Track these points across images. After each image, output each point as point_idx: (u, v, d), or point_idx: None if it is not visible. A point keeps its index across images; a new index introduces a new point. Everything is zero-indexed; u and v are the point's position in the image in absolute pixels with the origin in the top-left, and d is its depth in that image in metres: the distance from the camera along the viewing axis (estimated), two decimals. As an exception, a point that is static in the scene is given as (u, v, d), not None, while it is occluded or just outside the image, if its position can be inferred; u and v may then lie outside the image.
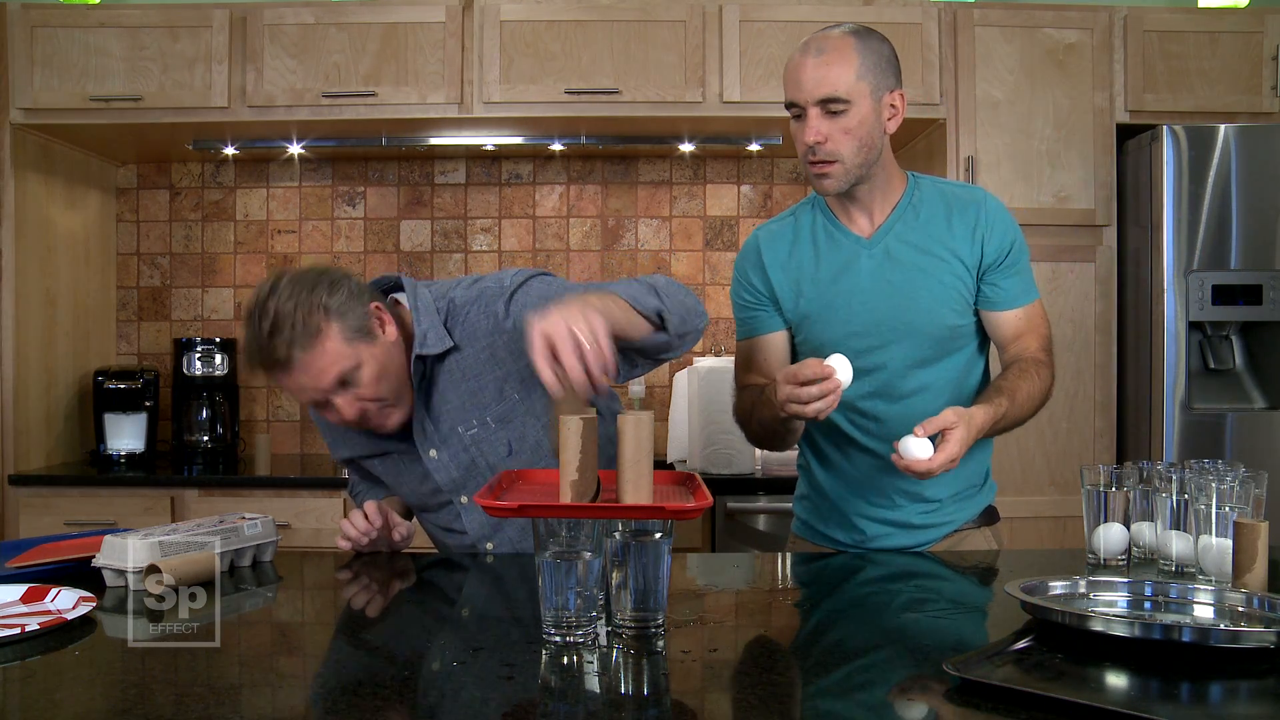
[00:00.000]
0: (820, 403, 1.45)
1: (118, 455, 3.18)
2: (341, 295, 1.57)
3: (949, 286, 1.67)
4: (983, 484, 1.78)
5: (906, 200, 1.71)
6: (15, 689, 1.04)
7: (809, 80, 1.59)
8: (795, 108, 1.63)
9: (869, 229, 1.71)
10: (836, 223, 1.72)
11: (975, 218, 1.68)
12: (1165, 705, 0.97)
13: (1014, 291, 1.69)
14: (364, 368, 1.56)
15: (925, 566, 1.62)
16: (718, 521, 2.82)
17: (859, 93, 1.59)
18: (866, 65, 1.60)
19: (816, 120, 1.60)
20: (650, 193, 3.51)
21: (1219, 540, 1.37)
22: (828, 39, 1.61)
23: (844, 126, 1.60)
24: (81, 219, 3.32)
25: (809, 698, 1.03)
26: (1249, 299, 2.74)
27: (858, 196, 1.69)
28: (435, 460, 1.69)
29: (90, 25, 2.94)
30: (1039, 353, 1.69)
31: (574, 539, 1.15)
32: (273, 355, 1.52)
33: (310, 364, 1.53)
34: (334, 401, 1.58)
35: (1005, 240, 1.68)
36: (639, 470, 1.21)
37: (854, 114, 1.60)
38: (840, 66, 1.59)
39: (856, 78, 1.59)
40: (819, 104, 1.59)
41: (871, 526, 1.73)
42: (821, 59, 1.59)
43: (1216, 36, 2.95)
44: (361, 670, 1.11)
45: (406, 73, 2.94)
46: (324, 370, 1.54)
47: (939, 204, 1.70)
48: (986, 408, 1.54)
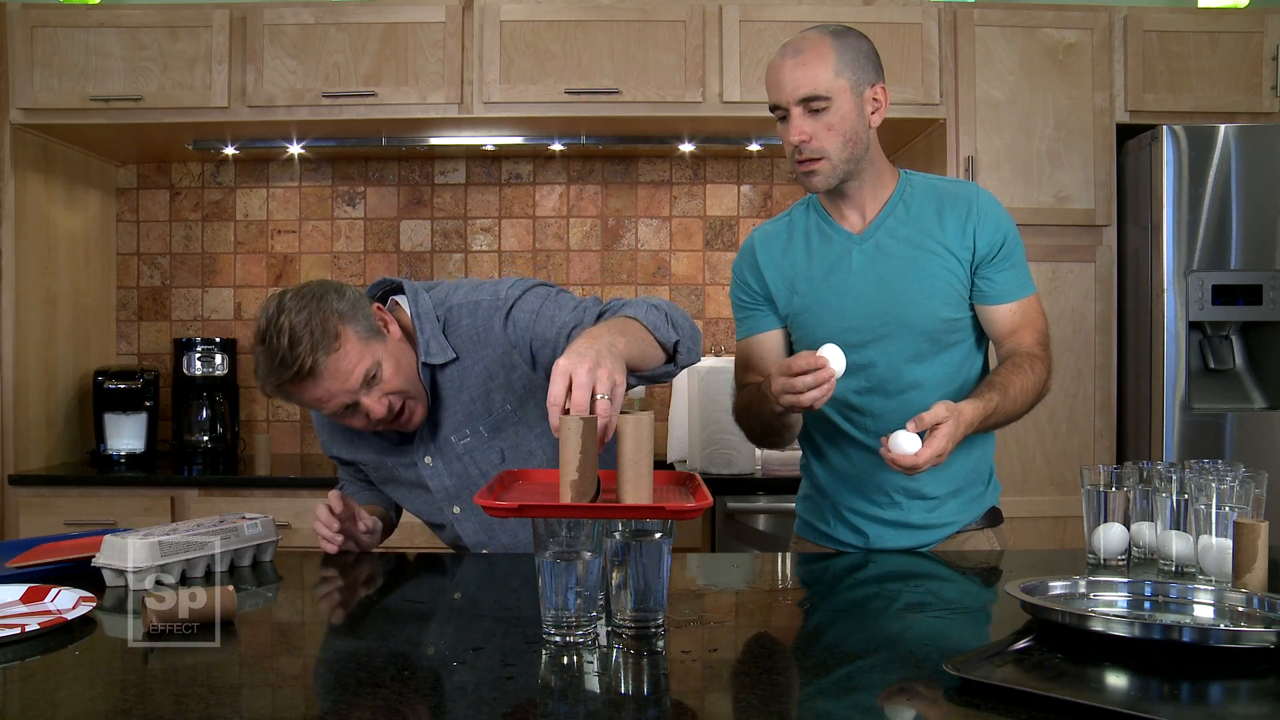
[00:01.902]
0: (814, 392, 1.46)
1: (118, 455, 3.18)
2: (349, 300, 1.59)
3: (941, 280, 1.68)
4: (987, 484, 1.78)
5: (898, 196, 1.72)
6: (15, 689, 1.04)
7: (788, 81, 1.62)
8: (779, 110, 1.66)
9: (860, 225, 1.72)
10: (829, 220, 1.74)
11: (966, 211, 1.69)
12: (1165, 705, 0.97)
13: (1008, 285, 1.69)
14: (384, 363, 1.59)
15: (925, 567, 1.62)
16: (718, 521, 2.82)
17: (838, 89, 1.62)
18: (844, 61, 1.62)
19: (799, 119, 1.62)
20: (650, 193, 3.51)
21: (1219, 540, 1.37)
22: (804, 40, 1.65)
23: (827, 123, 1.62)
24: (81, 219, 3.32)
25: (809, 697, 1.03)
26: (1249, 299, 2.74)
27: (848, 193, 1.71)
28: (430, 468, 1.71)
29: (90, 25, 2.94)
30: (1034, 347, 1.69)
31: (574, 539, 1.15)
32: (297, 366, 1.52)
33: (336, 367, 1.55)
34: (362, 402, 1.58)
35: (997, 234, 1.68)
36: (639, 470, 1.21)
37: (835, 110, 1.62)
38: (817, 65, 1.61)
39: (835, 74, 1.61)
40: (800, 103, 1.62)
41: (873, 527, 1.73)
42: (799, 59, 1.62)
43: (1216, 36, 2.95)
44: (361, 670, 1.11)
45: (406, 73, 2.94)
46: (350, 371, 1.56)
47: (930, 199, 1.71)
48: (976, 402, 1.55)
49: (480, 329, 1.67)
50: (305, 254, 3.53)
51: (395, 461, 1.74)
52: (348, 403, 1.58)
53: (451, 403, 1.68)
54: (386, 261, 3.51)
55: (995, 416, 1.59)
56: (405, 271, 3.52)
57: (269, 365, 1.55)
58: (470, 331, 1.68)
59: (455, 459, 1.70)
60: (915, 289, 1.67)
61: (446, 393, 1.68)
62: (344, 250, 3.52)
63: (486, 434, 1.69)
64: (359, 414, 1.60)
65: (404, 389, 1.62)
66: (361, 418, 1.61)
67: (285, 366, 1.53)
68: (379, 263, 3.51)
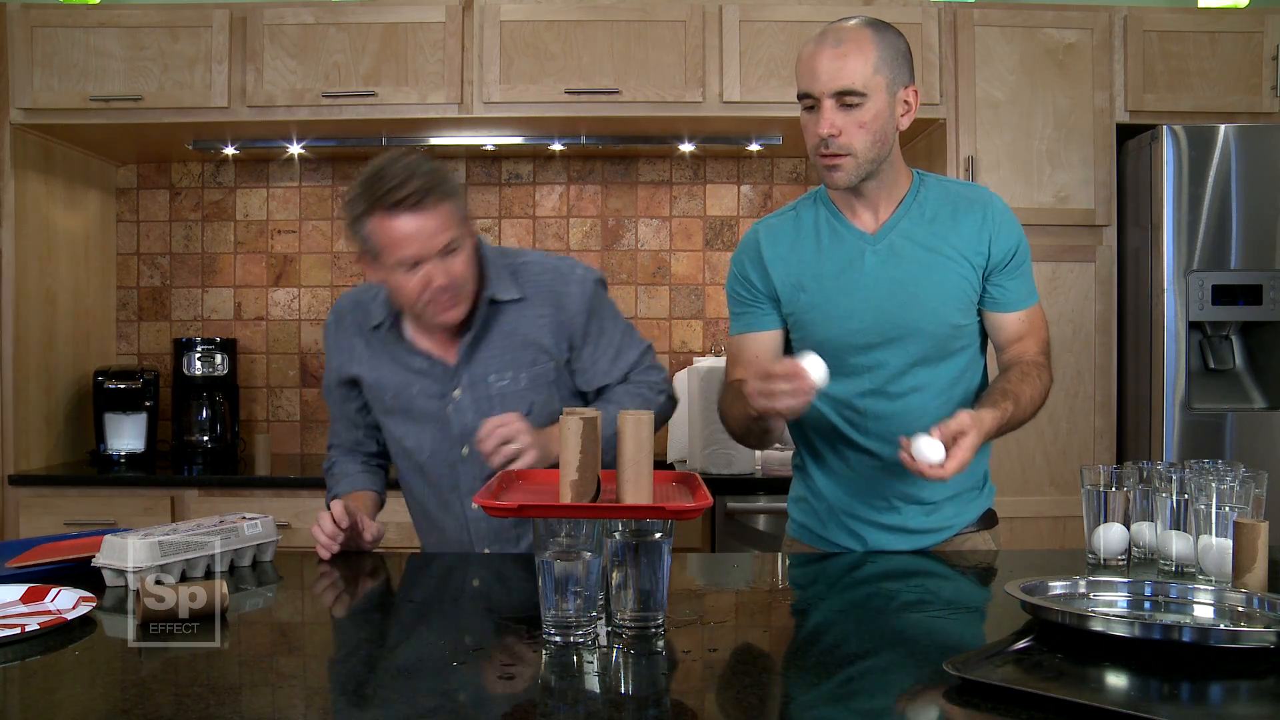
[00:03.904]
0: (791, 400, 1.43)
1: (118, 455, 3.18)
2: (460, 186, 1.71)
3: (954, 286, 1.65)
4: (982, 486, 1.78)
5: (912, 197, 1.68)
6: (15, 689, 1.04)
7: (825, 71, 1.56)
8: (809, 99, 1.59)
9: (874, 225, 1.68)
10: (841, 218, 1.69)
11: (982, 217, 1.66)
12: (1165, 705, 0.97)
13: (1019, 294, 1.68)
14: (465, 247, 1.66)
15: (925, 566, 1.62)
16: (718, 521, 2.82)
17: (875, 86, 1.56)
18: (884, 59, 1.57)
19: (831, 112, 1.56)
20: (650, 193, 3.51)
21: (1219, 540, 1.37)
22: (845, 29, 1.58)
23: (858, 120, 1.57)
24: (81, 219, 3.32)
25: (809, 698, 1.03)
26: (1249, 299, 2.74)
27: (864, 192, 1.66)
28: (457, 401, 1.73)
29: (90, 25, 2.94)
30: (1039, 355, 1.69)
31: (574, 539, 1.15)
32: (407, 192, 1.57)
33: (439, 212, 1.60)
34: (430, 266, 1.61)
35: (1011, 241, 1.67)
36: (639, 470, 1.21)
37: (869, 108, 1.57)
38: (858, 58, 1.55)
39: (874, 71, 1.56)
40: (834, 96, 1.56)
41: (871, 532, 1.72)
42: (839, 50, 1.55)
43: (1216, 36, 2.95)
44: (361, 670, 1.11)
45: (406, 73, 2.94)
46: (439, 230, 1.60)
47: (945, 202, 1.68)
48: (994, 412, 1.54)
49: (558, 291, 1.75)
50: (305, 254, 3.52)
51: (421, 390, 1.75)
52: (421, 256, 1.60)
53: (500, 343, 1.73)
54: (386, 261, 3.51)
55: (1008, 425, 1.59)
56: (405, 271, 3.51)
57: (376, 186, 1.59)
58: (545, 286, 1.75)
59: (485, 399, 1.72)
60: (929, 293, 1.64)
61: (497, 333, 1.74)
62: (344, 250, 3.52)
63: (524, 383, 1.73)
64: (417, 273, 1.62)
65: (463, 282, 1.66)
66: (418, 278, 1.62)
67: (397, 188, 1.57)
68: (379, 263, 3.51)
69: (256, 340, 3.53)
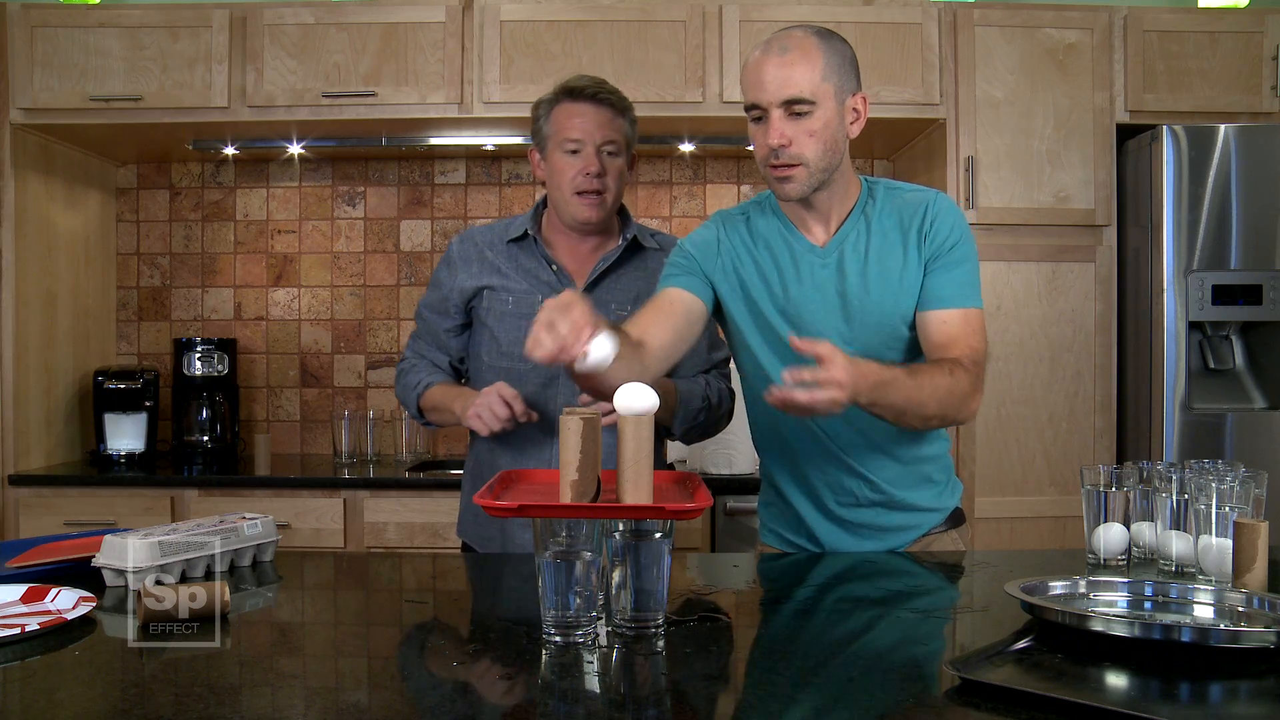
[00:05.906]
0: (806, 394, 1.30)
1: (118, 455, 3.18)
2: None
3: (901, 298, 1.61)
4: (946, 481, 1.75)
5: (860, 208, 1.65)
6: (15, 689, 1.04)
7: (772, 80, 1.53)
8: (756, 109, 1.57)
9: (824, 237, 1.65)
10: (791, 228, 1.67)
11: (924, 214, 1.62)
12: (1165, 705, 0.97)
13: (946, 290, 1.60)
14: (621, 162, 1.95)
15: (925, 567, 1.62)
16: (718, 521, 2.82)
17: (824, 94, 1.54)
18: (831, 66, 1.55)
19: (780, 122, 1.54)
20: (650, 193, 3.51)
21: (1219, 540, 1.37)
22: (790, 37, 1.55)
23: (808, 129, 1.54)
24: (81, 219, 3.32)
25: (809, 698, 1.03)
26: (1249, 299, 2.74)
27: (815, 204, 1.63)
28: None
29: (90, 25, 2.94)
30: (961, 358, 1.55)
31: (574, 539, 1.15)
32: (592, 88, 1.92)
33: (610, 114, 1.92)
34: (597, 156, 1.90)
35: (945, 234, 1.61)
36: (639, 470, 1.21)
37: (819, 116, 1.54)
38: (804, 66, 1.53)
39: (821, 78, 1.54)
40: (783, 105, 1.53)
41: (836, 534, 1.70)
42: (785, 58, 1.53)
43: (1216, 36, 2.95)
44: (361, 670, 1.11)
45: (406, 73, 2.94)
46: (611, 128, 1.92)
47: (892, 211, 1.64)
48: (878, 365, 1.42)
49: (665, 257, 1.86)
50: (305, 254, 3.52)
51: (547, 295, 1.85)
52: (585, 138, 1.90)
53: (632, 276, 1.97)
54: (387, 261, 3.51)
55: (894, 388, 1.43)
56: (405, 271, 3.52)
57: (569, 83, 1.93)
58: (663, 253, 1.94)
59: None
60: (876, 307, 1.61)
61: (631, 269, 1.98)
62: (344, 250, 3.52)
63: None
64: (580, 158, 1.90)
65: (611, 184, 1.92)
66: (582, 160, 1.90)
67: (586, 87, 1.92)
68: (379, 263, 3.52)
69: (256, 340, 3.53)
